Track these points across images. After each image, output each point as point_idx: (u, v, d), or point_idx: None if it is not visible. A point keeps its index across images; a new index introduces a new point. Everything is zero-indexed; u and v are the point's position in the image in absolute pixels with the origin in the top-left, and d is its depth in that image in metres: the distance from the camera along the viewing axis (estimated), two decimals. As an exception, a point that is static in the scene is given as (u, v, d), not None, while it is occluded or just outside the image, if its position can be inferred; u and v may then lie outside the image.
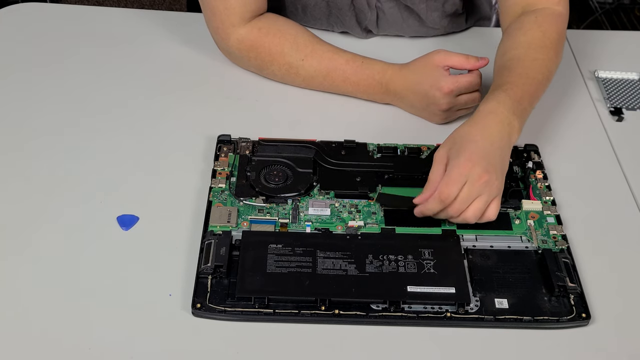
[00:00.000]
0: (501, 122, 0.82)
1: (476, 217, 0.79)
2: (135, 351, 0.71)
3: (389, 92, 0.98)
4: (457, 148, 0.80)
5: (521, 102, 0.85)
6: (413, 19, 1.09)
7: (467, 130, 0.81)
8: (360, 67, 0.98)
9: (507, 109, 0.83)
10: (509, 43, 0.94)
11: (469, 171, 0.77)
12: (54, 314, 0.73)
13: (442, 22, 1.10)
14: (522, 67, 0.89)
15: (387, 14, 1.08)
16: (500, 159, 0.81)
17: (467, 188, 0.78)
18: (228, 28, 0.99)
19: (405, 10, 1.07)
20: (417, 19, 1.09)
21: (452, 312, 0.75)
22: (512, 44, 0.93)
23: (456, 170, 0.78)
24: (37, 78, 1.02)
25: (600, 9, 2.27)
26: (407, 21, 1.09)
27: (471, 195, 0.78)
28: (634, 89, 1.06)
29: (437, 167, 0.80)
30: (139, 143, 0.93)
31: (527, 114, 0.87)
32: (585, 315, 0.75)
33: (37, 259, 0.78)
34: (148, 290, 0.76)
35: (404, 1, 1.06)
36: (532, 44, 0.92)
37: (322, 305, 0.74)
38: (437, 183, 0.79)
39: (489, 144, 0.80)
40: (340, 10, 1.07)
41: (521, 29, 0.95)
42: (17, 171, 0.88)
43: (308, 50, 0.99)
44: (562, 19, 0.97)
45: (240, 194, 0.85)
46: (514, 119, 0.83)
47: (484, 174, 0.78)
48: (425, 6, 1.07)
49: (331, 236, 0.81)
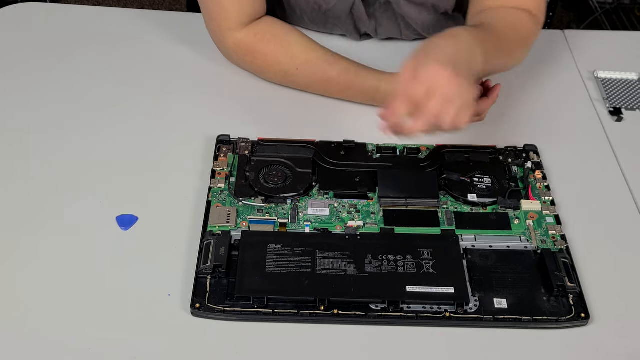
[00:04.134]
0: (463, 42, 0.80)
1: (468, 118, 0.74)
2: (134, 351, 0.71)
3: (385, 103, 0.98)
4: (424, 54, 0.76)
5: (484, 43, 0.83)
6: (411, 32, 1.09)
7: (433, 41, 0.78)
8: (354, 80, 0.97)
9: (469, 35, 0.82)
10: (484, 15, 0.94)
11: (437, 72, 0.73)
12: (54, 314, 0.74)
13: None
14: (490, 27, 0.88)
15: (384, 25, 1.08)
16: (467, 64, 0.77)
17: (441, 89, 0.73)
18: (225, 32, 0.99)
19: (402, 21, 1.07)
20: (414, 31, 1.08)
21: (451, 312, 0.75)
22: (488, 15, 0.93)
23: (424, 72, 0.73)
24: (37, 78, 1.02)
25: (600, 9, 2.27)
26: (405, 32, 1.09)
27: (449, 95, 0.73)
28: (634, 89, 1.06)
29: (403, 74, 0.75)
30: (139, 143, 0.93)
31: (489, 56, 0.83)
32: (585, 315, 0.75)
33: (36, 259, 0.78)
34: (147, 290, 0.76)
35: (400, 12, 1.05)
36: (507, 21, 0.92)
37: (322, 305, 0.74)
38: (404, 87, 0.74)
39: (455, 50, 0.77)
40: (338, 19, 1.06)
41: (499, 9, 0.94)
42: (17, 171, 0.88)
43: (302, 59, 0.98)
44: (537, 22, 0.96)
45: (240, 194, 0.85)
46: (476, 47, 0.81)
47: (454, 76, 0.73)
48: (421, 21, 1.06)
49: (330, 236, 0.81)
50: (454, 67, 0.74)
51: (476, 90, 0.78)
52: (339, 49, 1.00)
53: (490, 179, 0.88)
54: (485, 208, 0.86)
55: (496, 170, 0.90)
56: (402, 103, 0.74)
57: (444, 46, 0.78)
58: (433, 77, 0.73)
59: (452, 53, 0.77)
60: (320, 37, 1.03)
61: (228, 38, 0.99)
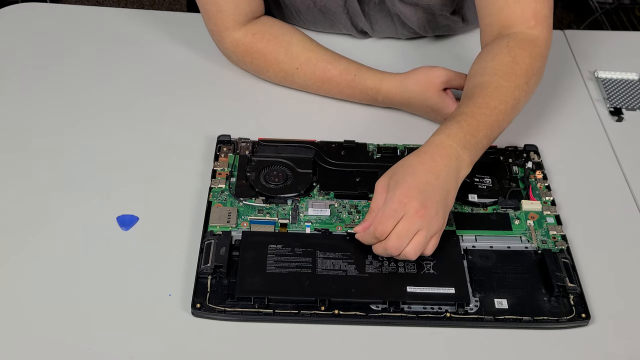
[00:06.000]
0: (448, 155, 0.77)
1: (417, 253, 0.75)
2: (135, 351, 0.71)
3: (386, 104, 0.98)
4: (396, 179, 0.76)
5: (475, 134, 0.80)
6: (407, 31, 1.09)
7: (410, 162, 0.77)
8: (353, 80, 0.97)
9: (456, 142, 0.78)
10: (476, 68, 0.88)
11: (404, 207, 0.74)
12: (54, 314, 0.74)
13: (436, 32, 1.10)
14: (483, 95, 0.84)
15: (379, 23, 1.08)
16: (444, 193, 0.76)
17: (403, 224, 0.74)
18: (222, 31, 0.99)
19: (398, 20, 1.06)
20: (410, 30, 1.08)
21: (452, 312, 0.75)
22: (479, 69, 0.88)
23: (390, 205, 0.74)
24: (37, 78, 1.02)
25: (600, 9, 2.27)
26: (401, 31, 1.09)
27: (410, 230, 0.74)
28: (634, 89, 1.06)
29: (377, 197, 0.77)
30: (139, 143, 0.93)
31: (482, 146, 0.81)
32: (585, 315, 0.75)
33: (37, 259, 0.78)
34: (148, 291, 0.76)
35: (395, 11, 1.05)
36: (499, 70, 0.86)
37: (322, 305, 0.74)
38: (375, 213, 0.76)
39: (433, 177, 0.76)
40: (334, 15, 1.06)
41: (491, 53, 0.89)
42: (17, 171, 0.88)
43: (302, 59, 0.98)
44: (539, 44, 0.90)
45: (240, 194, 0.85)
46: (464, 153, 0.79)
47: (421, 209, 0.74)
48: (416, 20, 1.06)
49: (331, 237, 0.81)
50: (425, 198, 0.75)
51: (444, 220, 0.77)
52: (339, 49, 1.00)
53: (490, 179, 0.88)
54: (486, 208, 0.86)
55: (497, 170, 0.90)
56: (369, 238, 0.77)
57: (419, 174, 0.76)
58: (398, 207, 0.74)
59: (426, 182, 0.75)
60: (319, 37, 1.03)
61: (226, 38, 0.99)
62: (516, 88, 0.85)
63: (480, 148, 0.81)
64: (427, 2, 1.02)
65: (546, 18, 0.91)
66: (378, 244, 0.76)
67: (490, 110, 0.82)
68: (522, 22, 0.90)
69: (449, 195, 0.78)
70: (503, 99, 0.84)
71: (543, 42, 0.91)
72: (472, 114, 0.81)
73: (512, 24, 0.91)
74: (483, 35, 0.95)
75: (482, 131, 0.81)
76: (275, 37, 0.99)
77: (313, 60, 0.98)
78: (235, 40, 0.99)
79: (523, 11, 0.90)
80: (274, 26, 1.00)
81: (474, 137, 0.80)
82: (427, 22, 1.07)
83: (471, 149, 0.80)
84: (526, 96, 0.88)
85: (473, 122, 0.81)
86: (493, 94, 0.84)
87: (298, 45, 0.98)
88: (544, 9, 0.91)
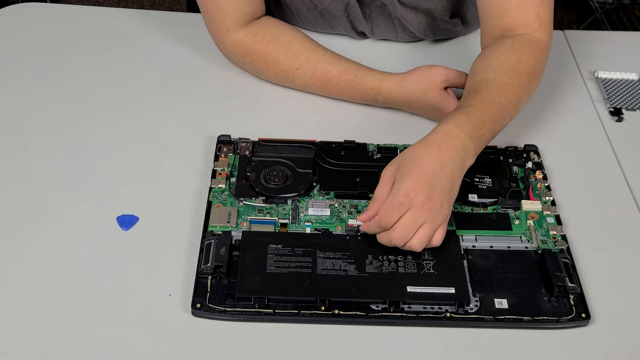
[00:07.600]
0: (456, 146, 0.78)
1: (422, 245, 0.76)
2: (135, 351, 0.71)
3: (386, 105, 0.98)
4: (403, 170, 0.76)
5: (481, 126, 0.81)
6: (407, 34, 1.09)
7: (417, 152, 0.77)
8: (353, 81, 0.97)
9: (464, 132, 0.79)
10: (481, 65, 0.89)
11: (410, 200, 0.74)
12: (54, 314, 0.74)
13: (437, 35, 1.10)
14: (489, 90, 0.85)
15: (379, 26, 1.08)
16: (449, 184, 0.77)
17: (409, 216, 0.75)
18: (223, 32, 0.99)
19: (398, 24, 1.06)
20: (410, 34, 1.08)
21: (452, 312, 0.75)
22: (484, 66, 0.89)
23: (397, 198, 0.75)
24: (37, 78, 1.02)
25: (600, 9, 2.27)
26: (401, 34, 1.09)
27: (415, 223, 0.75)
28: (634, 90, 1.06)
29: (383, 185, 0.77)
30: (139, 143, 0.93)
31: (486, 139, 0.82)
32: (585, 315, 0.75)
33: (37, 259, 0.78)
34: (148, 291, 0.76)
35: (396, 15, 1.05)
36: (504, 67, 0.87)
37: (322, 305, 0.74)
38: (381, 202, 0.76)
39: (439, 168, 0.76)
40: (334, 18, 1.06)
41: (496, 51, 0.90)
42: (17, 171, 0.88)
43: (302, 59, 0.98)
44: (542, 46, 0.91)
45: (240, 194, 0.85)
46: (470, 143, 0.79)
47: (427, 202, 0.75)
48: (417, 23, 1.06)
49: (331, 236, 0.81)
50: (431, 190, 0.75)
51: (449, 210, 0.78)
52: (339, 49, 1.00)
53: (490, 179, 0.88)
54: (486, 208, 0.86)
55: (497, 170, 0.90)
56: (374, 228, 0.78)
57: (426, 165, 0.76)
58: (405, 201, 0.75)
59: (432, 173, 0.76)
60: (319, 37, 1.03)
61: (226, 38, 0.99)
62: (520, 87, 0.87)
63: (484, 141, 0.82)
64: (427, 6, 1.02)
65: (548, 22, 0.93)
66: (383, 234, 0.77)
67: (495, 105, 0.84)
68: (526, 25, 0.92)
69: (454, 185, 0.78)
70: (507, 95, 0.85)
71: (545, 45, 0.92)
72: (479, 107, 0.83)
73: (515, 27, 0.92)
74: (485, 37, 0.95)
75: (487, 124, 0.82)
76: (275, 37, 0.99)
77: (313, 60, 0.98)
78: (236, 41, 0.99)
79: (527, 15, 0.91)
80: (274, 26, 1.00)
81: (480, 129, 0.81)
82: (427, 26, 1.07)
83: (477, 140, 0.81)
84: (528, 96, 0.89)
85: (479, 114, 0.82)
86: (498, 90, 0.85)
87: (298, 46, 0.98)
88: (546, 13, 0.92)
